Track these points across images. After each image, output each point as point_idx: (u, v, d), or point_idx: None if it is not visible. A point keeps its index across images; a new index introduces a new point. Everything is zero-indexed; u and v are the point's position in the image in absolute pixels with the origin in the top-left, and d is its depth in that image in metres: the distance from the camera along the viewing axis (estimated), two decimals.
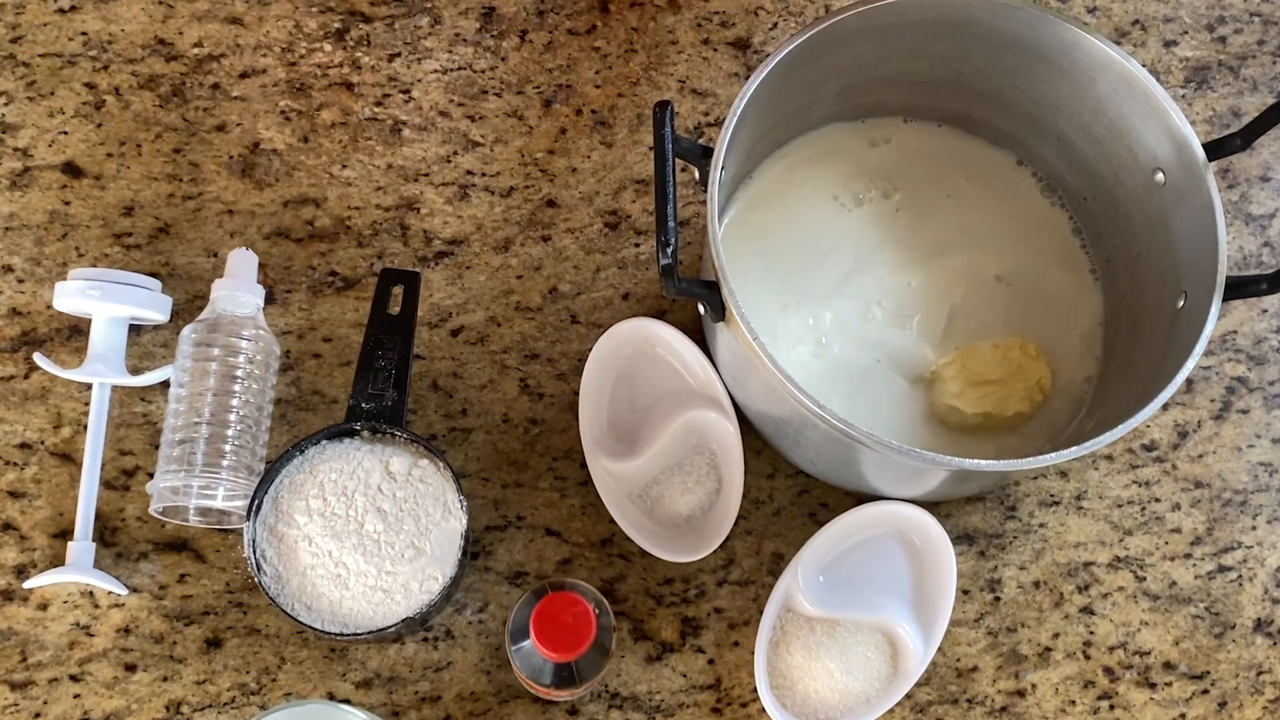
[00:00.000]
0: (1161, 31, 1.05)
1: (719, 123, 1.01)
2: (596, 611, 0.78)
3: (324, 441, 0.87)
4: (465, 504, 0.85)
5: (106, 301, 0.89)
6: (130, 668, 0.89)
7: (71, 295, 0.89)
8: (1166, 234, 0.89)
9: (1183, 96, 1.04)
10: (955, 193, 0.98)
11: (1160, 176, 0.88)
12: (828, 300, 0.94)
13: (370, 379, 0.88)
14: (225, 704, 0.88)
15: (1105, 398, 0.92)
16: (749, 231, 0.96)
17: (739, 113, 0.82)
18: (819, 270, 0.95)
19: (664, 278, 0.77)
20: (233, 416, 0.88)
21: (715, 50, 1.03)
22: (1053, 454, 0.78)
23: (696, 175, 0.86)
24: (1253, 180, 1.03)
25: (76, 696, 0.88)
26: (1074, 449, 0.78)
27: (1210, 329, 0.80)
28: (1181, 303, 0.85)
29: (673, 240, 0.76)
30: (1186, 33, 1.06)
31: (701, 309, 0.84)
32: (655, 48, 1.03)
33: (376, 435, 0.87)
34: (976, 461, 0.78)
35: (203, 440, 0.87)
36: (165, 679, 0.88)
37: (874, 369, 0.93)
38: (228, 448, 0.87)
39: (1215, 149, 0.85)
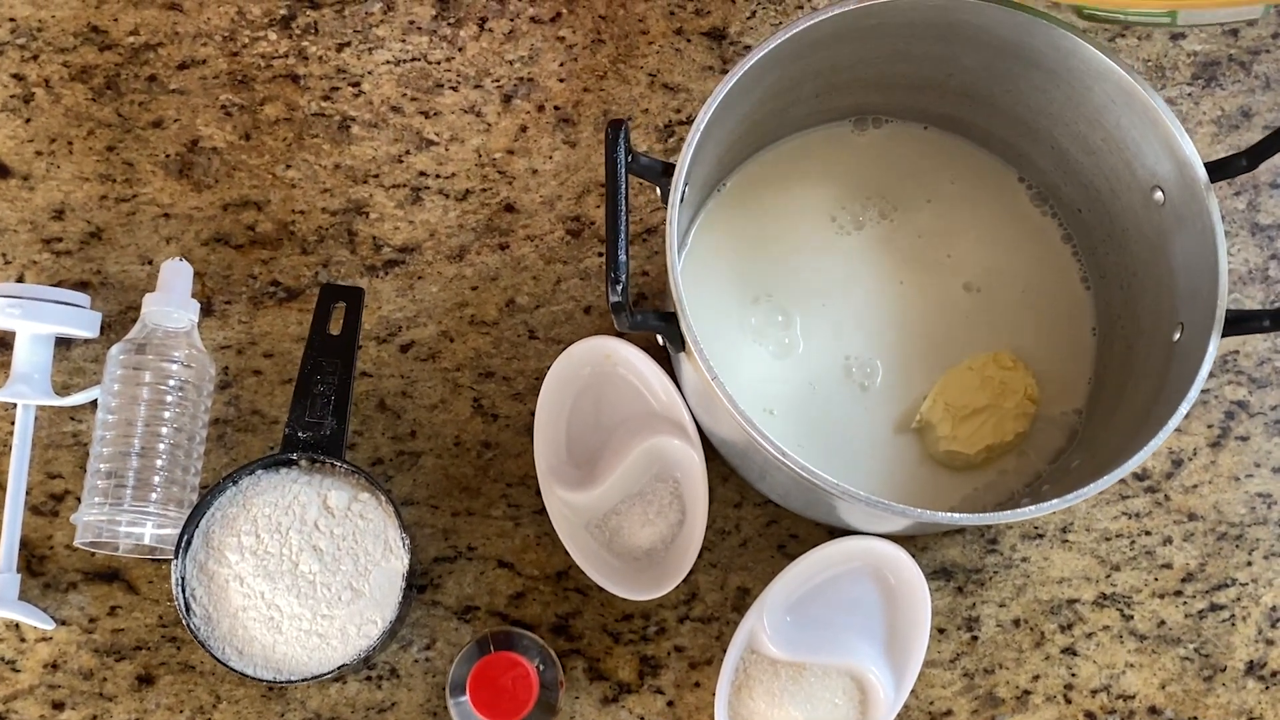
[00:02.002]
0: None
1: (690, 120, 0.95)
2: (540, 668, 0.73)
3: (259, 472, 0.82)
4: (407, 542, 0.80)
5: (29, 320, 0.84)
6: (58, 706, 0.84)
7: None
8: (1165, 257, 0.82)
9: (1189, 95, 0.97)
10: (938, 198, 0.92)
11: (1159, 195, 0.81)
12: (800, 302, 0.89)
13: (308, 405, 0.83)
14: None
15: (1096, 429, 0.86)
16: (720, 236, 0.90)
17: (701, 128, 0.76)
18: (792, 274, 0.90)
19: (615, 315, 0.71)
20: (163, 446, 0.83)
21: (689, 41, 0.96)
22: (1032, 507, 0.73)
23: (658, 194, 0.80)
24: (1261, 187, 0.96)
25: None
26: (1054, 502, 0.73)
27: (1207, 369, 0.74)
28: (1178, 335, 0.80)
29: (623, 277, 0.70)
30: (1195, 25, 0.98)
31: (660, 340, 0.79)
32: (624, 38, 0.96)
33: (315, 465, 0.82)
34: (950, 515, 0.73)
35: (131, 473, 0.82)
36: (95, 718, 0.84)
37: (846, 381, 0.88)
38: (157, 479, 0.82)
39: (1219, 169, 0.78)
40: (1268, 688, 0.88)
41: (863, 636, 0.85)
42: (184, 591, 0.79)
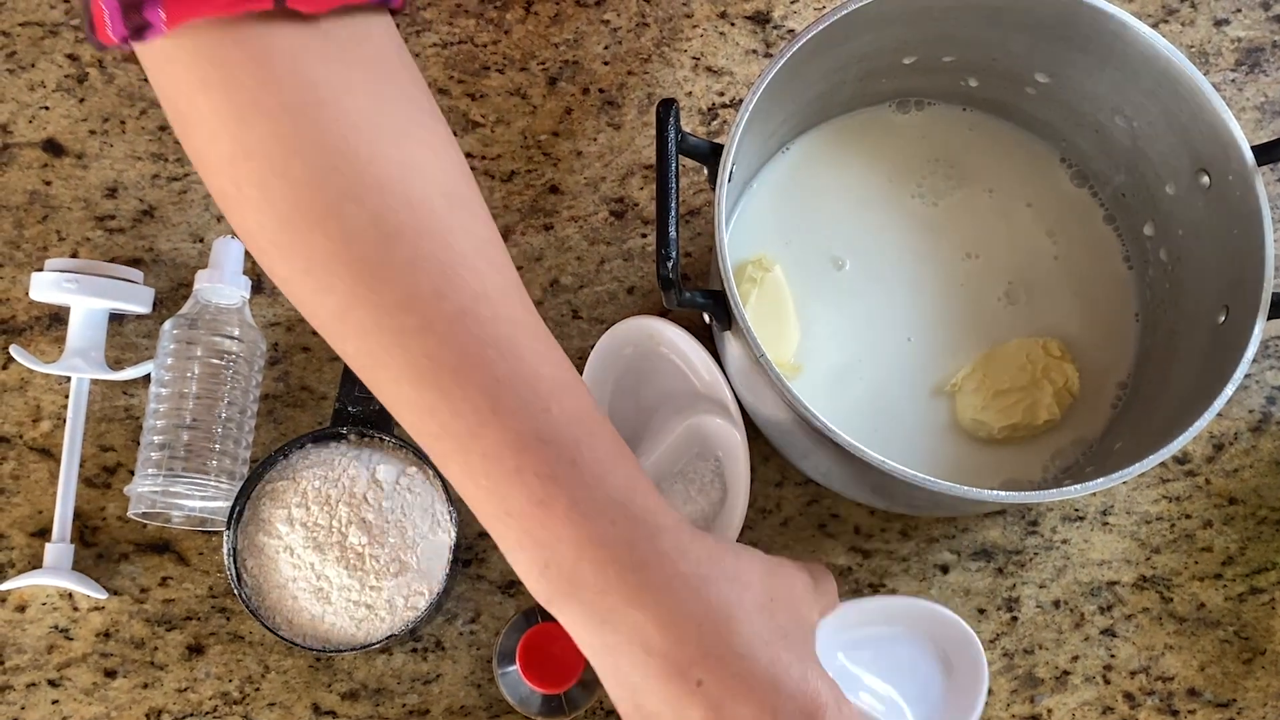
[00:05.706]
0: (1212, 9, 0.98)
1: (735, 103, 0.95)
2: None
3: (308, 445, 0.83)
4: (454, 515, 0.81)
5: (84, 295, 0.85)
6: (110, 673, 0.86)
7: (48, 287, 0.85)
8: (1209, 240, 0.83)
9: (1232, 81, 0.97)
10: (979, 178, 0.92)
11: (1205, 178, 0.82)
12: (839, 268, 0.90)
13: (357, 380, 0.83)
14: (207, 713, 0.85)
15: (1139, 412, 0.87)
16: (761, 216, 0.91)
17: (749, 110, 0.76)
18: (832, 248, 0.91)
19: (664, 291, 0.72)
20: (215, 419, 0.84)
21: (733, 25, 0.97)
22: (1074, 487, 0.73)
23: (705, 174, 0.81)
24: None
25: (55, 702, 0.85)
26: (1097, 482, 0.73)
27: (1251, 353, 0.75)
28: (1222, 318, 0.80)
29: (673, 253, 0.71)
30: (1240, 10, 0.98)
31: (707, 317, 0.80)
32: (668, 21, 0.96)
33: (364, 439, 0.83)
34: (994, 494, 0.73)
35: (183, 445, 0.83)
36: (146, 686, 0.86)
37: (879, 349, 0.89)
38: (210, 450, 0.83)
39: (1266, 152, 0.78)
40: None
41: (910, 700, 0.77)
42: (235, 562, 0.81)
